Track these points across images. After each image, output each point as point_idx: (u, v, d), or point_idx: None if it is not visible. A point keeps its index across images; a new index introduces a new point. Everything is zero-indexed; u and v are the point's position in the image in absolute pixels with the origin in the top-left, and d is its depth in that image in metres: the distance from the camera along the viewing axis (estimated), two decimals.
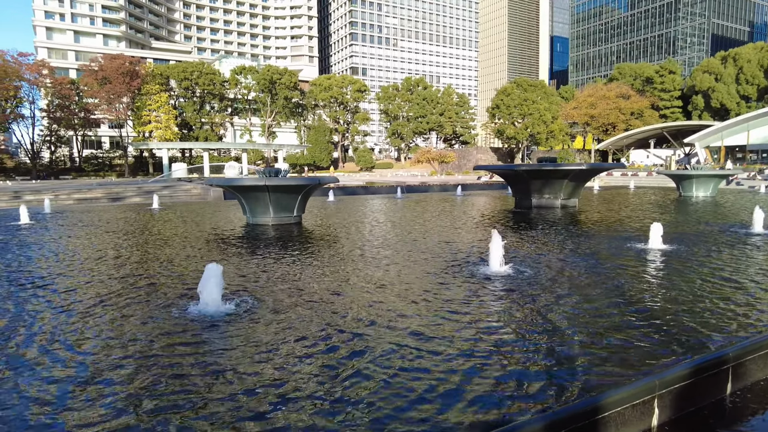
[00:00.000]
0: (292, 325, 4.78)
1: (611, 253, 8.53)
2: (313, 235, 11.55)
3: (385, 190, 30.24)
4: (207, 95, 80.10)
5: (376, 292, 6.00)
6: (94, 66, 68.03)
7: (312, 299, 5.72)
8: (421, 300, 5.60)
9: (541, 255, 8.38)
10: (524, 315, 5.04)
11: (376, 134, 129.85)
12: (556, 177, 17.11)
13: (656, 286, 6.12)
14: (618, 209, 17.42)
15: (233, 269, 7.51)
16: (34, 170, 65.26)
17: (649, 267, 7.32)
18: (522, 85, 75.61)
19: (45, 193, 29.09)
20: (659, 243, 9.00)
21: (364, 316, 5.00)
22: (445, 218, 15.07)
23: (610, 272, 6.94)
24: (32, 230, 13.18)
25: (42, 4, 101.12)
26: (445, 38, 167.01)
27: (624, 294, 5.77)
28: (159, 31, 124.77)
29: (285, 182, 12.79)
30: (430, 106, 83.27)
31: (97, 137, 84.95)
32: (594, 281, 6.44)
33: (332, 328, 4.65)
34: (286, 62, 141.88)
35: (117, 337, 4.51)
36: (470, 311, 5.14)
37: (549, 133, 72.57)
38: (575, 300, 5.54)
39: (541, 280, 6.50)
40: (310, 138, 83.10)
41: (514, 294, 5.83)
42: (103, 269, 7.71)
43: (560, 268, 7.24)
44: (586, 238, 10.33)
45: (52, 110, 68.05)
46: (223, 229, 13.17)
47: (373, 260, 8.09)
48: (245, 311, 5.27)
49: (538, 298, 5.64)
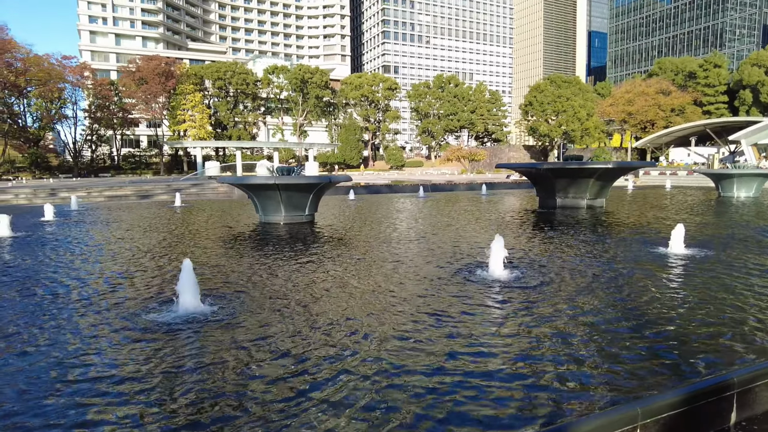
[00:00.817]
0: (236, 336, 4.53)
1: (626, 257, 7.95)
2: (321, 234, 11.33)
3: (408, 189, 29.84)
4: (240, 95, 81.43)
5: (355, 300, 5.70)
6: (131, 67, 70.17)
7: (282, 306, 5.46)
8: (395, 309, 5.26)
9: (548, 259, 7.88)
10: (508, 330, 4.63)
11: (407, 132, 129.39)
12: (581, 176, 16.37)
13: (658, 298, 5.57)
14: (648, 210, 16.53)
15: (221, 269, 7.35)
16: (75, 168, 67.75)
17: (662, 275, 6.73)
18: (556, 82, 73.71)
19: (79, 191, 30.05)
20: (681, 247, 8.34)
21: (320, 329, 4.70)
22: (461, 219, 14.62)
23: (616, 280, 6.41)
24: (50, 227, 13.46)
25: (86, 9, 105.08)
26: (479, 35, 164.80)
27: (619, 306, 5.28)
28: (195, 33, 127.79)
29: (295, 181, 12.62)
30: (461, 104, 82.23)
31: (135, 136, 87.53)
32: (592, 290, 5.94)
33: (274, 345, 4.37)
34: (318, 61, 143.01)
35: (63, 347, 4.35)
36: (449, 322, 4.76)
37: (584, 130, 70.45)
38: (563, 311, 5.09)
39: (537, 288, 6.04)
40: (340, 136, 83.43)
41: (505, 303, 5.41)
42: (86, 268, 7.67)
43: (563, 275, 6.75)
44: (604, 241, 9.72)
45: (93, 110, 70.50)
46: (233, 227, 13.12)
47: (372, 263, 7.78)
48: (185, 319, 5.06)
49: (529, 309, 5.20)
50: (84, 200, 27.28)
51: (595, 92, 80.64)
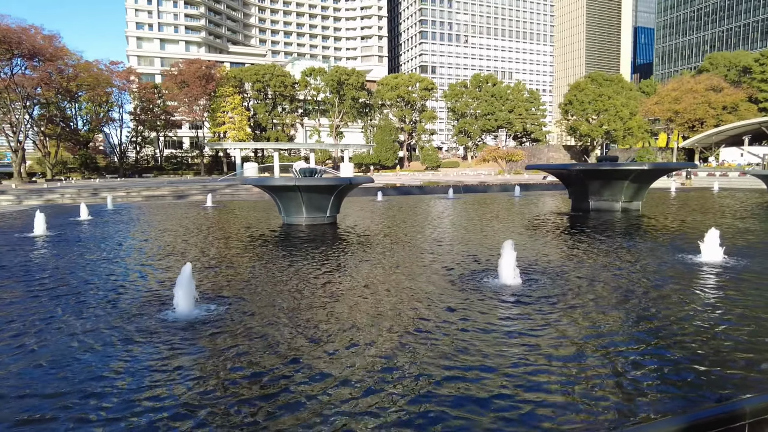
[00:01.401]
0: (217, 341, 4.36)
1: (653, 266, 7.39)
2: (340, 236, 11.16)
3: (439, 191, 29.42)
4: (278, 97, 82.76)
5: (345, 308, 5.46)
6: (174, 71, 72.54)
7: (277, 316, 5.28)
8: (388, 319, 4.99)
9: (569, 266, 7.42)
10: (509, 349, 4.29)
11: (444, 132, 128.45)
12: (615, 178, 15.60)
13: (688, 316, 5.08)
14: (688, 214, 15.59)
15: (229, 270, 7.28)
16: (121, 169, 70.58)
17: (694, 288, 6.18)
18: (597, 80, 71.39)
19: (119, 190, 31.16)
20: (715, 255, 7.70)
21: (288, 342, 4.47)
22: (485, 222, 14.18)
23: (639, 292, 5.93)
24: (81, 226, 13.86)
25: (134, 16, 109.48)
26: (518, 33, 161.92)
27: (639, 323, 4.83)
28: (236, 36, 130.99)
29: (315, 182, 12.52)
30: (498, 103, 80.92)
31: (178, 138, 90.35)
32: (604, 301, 5.49)
33: (253, 358, 4.17)
34: (356, 63, 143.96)
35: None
36: (445, 336, 4.46)
37: (626, 130, 67.93)
38: (562, 326, 4.69)
39: (548, 299, 5.64)
40: (375, 137, 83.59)
41: (511, 314, 5.05)
42: (96, 268, 7.75)
43: (581, 285, 6.30)
44: (632, 247, 9.13)
45: (138, 113, 73.28)
46: (255, 228, 13.15)
47: (383, 266, 7.54)
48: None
49: (529, 322, 4.83)
50: (123, 200, 28.24)
51: (639, 90, 77.65)
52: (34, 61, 51.35)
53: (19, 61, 50.96)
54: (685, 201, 21.04)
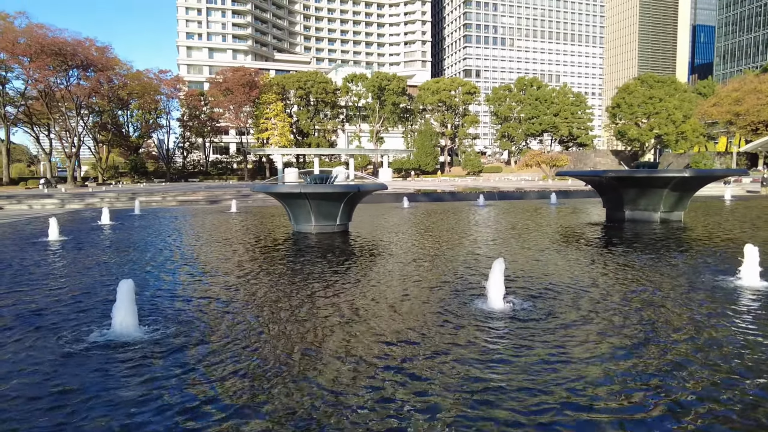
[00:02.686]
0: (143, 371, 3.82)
1: (680, 289, 6.38)
2: (345, 247, 10.59)
3: (472, 197, 28.32)
4: (320, 103, 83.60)
5: (324, 335, 4.84)
6: (219, 78, 74.60)
7: (238, 341, 4.72)
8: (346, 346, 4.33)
9: (573, 285, 6.52)
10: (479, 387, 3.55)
11: (488, 137, 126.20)
12: (653, 185, 14.28)
13: (716, 356, 4.16)
14: (737, 227, 14.06)
15: (209, 283, 6.83)
16: (167, 173, 73.11)
17: (728, 317, 5.19)
18: (647, 82, 67.91)
19: (156, 195, 31.91)
20: (755, 278, 6.60)
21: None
22: (509, 233, 13.25)
23: (658, 323, 5.01)
24: (95, 232, 13.93)
25: (184, 26, 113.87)
26: (566, 35, 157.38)
27: (650, 361, 3.96)
28: (281, 44, 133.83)
29: (323, 189, 12.04)
30: (543, 107, 78.51)
31: (224, 144, 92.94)
32: (604, 334, 4.62)
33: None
34: (399, 68, 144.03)
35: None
36: (427, 371, 3.77)
37: (679, 134, 64.16)
38: (553, 364, 3.88)
39: (532, 327, 4.82)
40: (416, 142, 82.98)
41: (491, 357, 4.29)
42: (78, 279, 7.47)
43: (581, 309, 5.43)
44: (661, 265, 8.06)
45: (185, 120, 75.80)
46: (264, 236, 12.79)
47: (376, 285, 6.91)
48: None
49: (507, 358, 4.06)
50: (158, 204, 28.84)
51: (696, 92, 73.30)
52: (88, 71, 53.92)
53: (75, 72, 53.61)
54: (739, 212, 19.20)
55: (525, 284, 6.71)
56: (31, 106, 56.68)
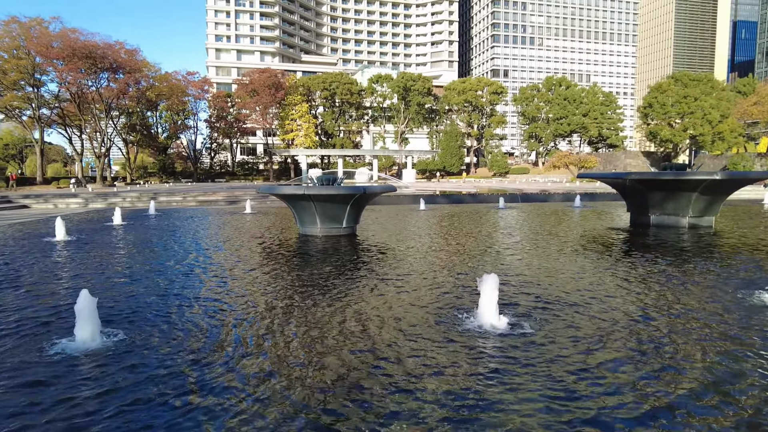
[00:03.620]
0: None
1: (698, 305, 5.70)
2: (349, 252, 10.16)
3: (493, 199, 27.51)
4: (345, 104, 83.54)
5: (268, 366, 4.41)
6: (245, 80, 75.37)
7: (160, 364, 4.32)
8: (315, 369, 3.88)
9: (577, 301, 5.91)
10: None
11: (516, 138, 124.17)
12: (680, 189, 13.38)
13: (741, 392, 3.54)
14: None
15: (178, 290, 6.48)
16: (195, 174, 74.23)
17: (748, 341, 4.53)
18: (681, 80, 65.29)
19: (177, 195, 32.21)
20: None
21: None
22: (525, 238, 12.59)
23: (666, 349, 4.39)
24: (102, 232, 13.88)
25: (213, 29, 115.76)
26: (597, 34, 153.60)
27: (659, 394, 3.37)
28: (308, 45, 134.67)
29: (327, 191, 11.63)
30: (572, 107, 76.56)
31: (252, 145, 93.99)
32: (596, 364, 4.03)
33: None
34: (425, 68, 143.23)
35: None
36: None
37: (716, 134, 61.44)
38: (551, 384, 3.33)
39: (525, 348, 4.27)
40: (441, 143, 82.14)
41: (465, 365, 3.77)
42: (63, 283, 7.23)
43: (597, 331, 4.84)
44: (682, 278, 7.33)
45: (213, 121, 76.86)
46: (267, 239, 12.46)
47: (368, 295, 6.45)
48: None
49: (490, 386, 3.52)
50: (178, 204, 29.06)
51: (735, 90, 70.16)
52: (117, 74, 55.15)
53: (105, 74, 54.90)
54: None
55: (520, 297, 6.13)
56: (65, 108, 58.33)
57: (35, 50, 48.91)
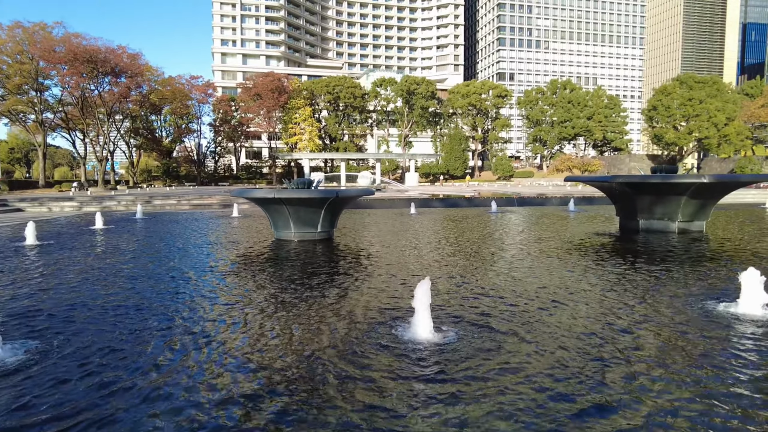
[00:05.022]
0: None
1: (658, 318, 5.34)
2: (319, 258, 9.86)
3: (489, 203, 27.11)
4: (348, 108, 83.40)
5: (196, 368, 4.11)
6: (248, 84, 75.49)
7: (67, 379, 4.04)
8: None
9: (527, 309, 5.56)
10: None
11: (521, 141, 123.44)
12: (669, 192, 12.97)
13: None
14: (765, 239, 12.57)
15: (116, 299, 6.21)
16: (198, 177, 74.36)
17: (715, 356, 4.17)
18: (687, 83, 64.44)
19: (172, 198, 32.08)
20: (757, 306, 5.50)
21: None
22: (508, 243, 12.24)
23: (607, 369, 4.05)
24: (79, 237, 13.69)
25: (219, 33, 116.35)
26: (604, 36, 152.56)
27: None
28: (314, 50, 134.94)
29: (299, 195, 11.35)
30: (576, 110, 75.87)
31: (255, 148, 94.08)
32: (518, 381, 3.68)
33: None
34: (431, 72, 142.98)
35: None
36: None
37: (722, 137, 60.52)
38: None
39: (445, 364, 3.94)
40: (444, 147, 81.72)
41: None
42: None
43: (508, 343, 4.50)
44: (650, 286, 6.95)
45: (217, 124, 77.04)
46: (242, 243, 12.20)
47: (315, 308, 6.15)
48: None
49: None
50: (172, 208, 28.92)
51: (742, 92, 69.15)
52: (119, 78, 55.39)
53: (108, 79, 55.15)
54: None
55: (449, 312, 5.79)
56: (69, 112, 58.68)
57: (39, 55, 49.25)
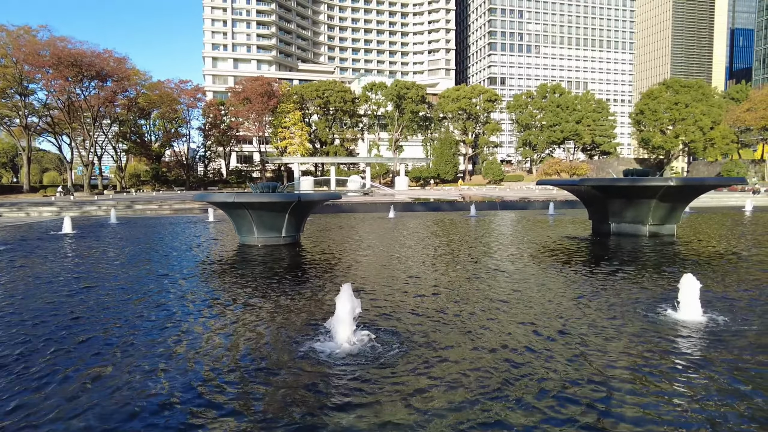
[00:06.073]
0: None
1: (602, 324, 5.21)
2: (279, 264, 9.68)
3: (468, 207, 27.04)
4: (339, 112, 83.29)
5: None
6: (238, 88, 75.25)
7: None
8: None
9: (460, 312, 5.42)
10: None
11: (512, 145, 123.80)
12: (639, 196, 12.90)
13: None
14: (738, 243, 12.51)
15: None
16: (187, 182, 73.87)
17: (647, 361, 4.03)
18: (673, 87, 64.89)
19: (155, 203, 31.78)
20: (693, 311, 5.39)
21: None
22: (478, 249, 12.10)
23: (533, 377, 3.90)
24: (38, 242, 13.42)
25: (210, 38, 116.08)
26: (594, 41, 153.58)
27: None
28: (305, 54, 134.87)
29: (260, 199, 11.17)
30: (565, 113, 76.16)
31: (246, 153, 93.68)
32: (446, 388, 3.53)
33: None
34: (423, 77, 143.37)
35: None
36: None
37: (707, 141, 60.88)
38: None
39: (360, 368, 3.78)
40: (435, 151, 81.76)
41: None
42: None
43: (449, 348, 4.35)
44: (602, 290, 6.83)
45: (207, 129, 76.66)
46: (203, 248, 12.00)
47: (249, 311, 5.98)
48: None
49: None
50: (152, 212, 28.63)
51: (728, 97, 69.69)
52: (106, 82, 55.01)
53: (94, 83, 54.74)
54: (751, 224, 17.44)
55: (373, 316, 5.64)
56: (55, 117, 58.17)
57: (23, 58, 48.83)
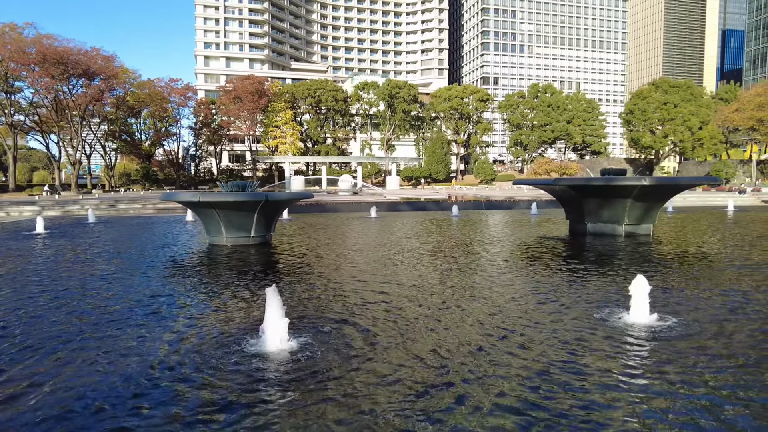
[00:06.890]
0: None
1: (545, 328, 5.10)
2: (242, 266, 9.52)
3: (460, 206, 26.89)
4: (330, 111, 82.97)
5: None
6: (228, 87, 74.80)
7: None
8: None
9: (418, 315, 5.28)
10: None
11: (504, 145, 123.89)
12: (614, 195, 12.82)
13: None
14: (712, 243, 12.46)
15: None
16: (177, 181, 73.34)
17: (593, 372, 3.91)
18: (662, 87, 65.08)
19: (138, 203, 31.47)
20: (644, 314, 5.29)
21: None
22: (455, 248, 11.98)
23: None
24: (11, 242, 13.19)
25: (202, 36, 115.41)
26: (587, 42, 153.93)
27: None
28: (298, 53, 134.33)
29: (226, 198, 11.00)
30: (555, 113, 76.23)
31: (237, 152, 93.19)
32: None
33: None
34: (416, 76, 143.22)
35: None
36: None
37: (696, 141, 61.07)
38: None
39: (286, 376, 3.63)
40: (427, 150, 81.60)
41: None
42: None
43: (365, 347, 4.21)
44: (558, 290, 6.72)
45: (198, 128, 76.16)
46: (172, 249, 11.81)
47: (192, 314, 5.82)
48: None
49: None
50: (135, 212, 28.33)
51: (717, 97, 69.97)
52: (93, 80, 54.44)
53: (81, 81, 54.15)
54: (729, 224, 17.41)
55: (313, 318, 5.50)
56: (43, 115, 57.56)
57: (8, 56, 48.24)
